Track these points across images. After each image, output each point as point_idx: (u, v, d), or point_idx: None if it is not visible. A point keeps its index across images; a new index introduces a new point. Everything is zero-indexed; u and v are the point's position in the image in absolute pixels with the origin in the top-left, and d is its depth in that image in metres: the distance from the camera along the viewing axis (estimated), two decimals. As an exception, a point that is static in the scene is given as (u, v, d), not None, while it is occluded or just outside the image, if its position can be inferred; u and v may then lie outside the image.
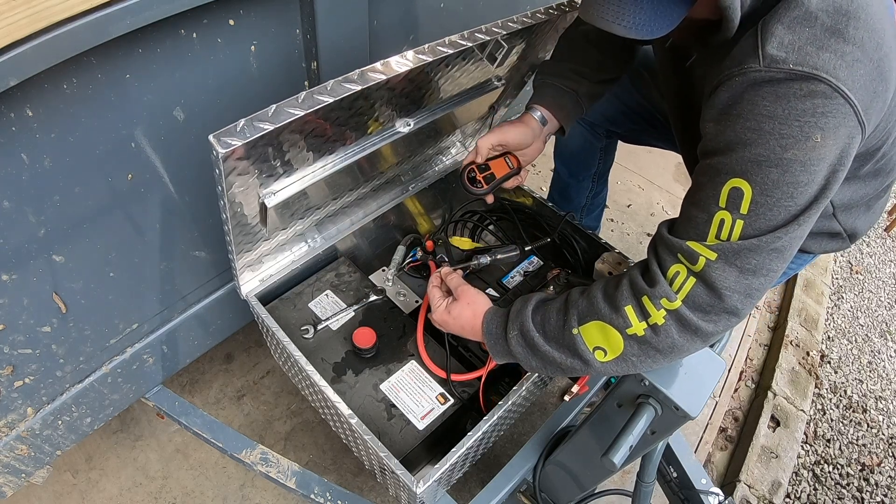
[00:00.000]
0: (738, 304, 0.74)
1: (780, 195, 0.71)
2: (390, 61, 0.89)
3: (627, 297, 0.79)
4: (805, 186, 0.71)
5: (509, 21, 1.03)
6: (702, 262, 0.74)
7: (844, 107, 0.69)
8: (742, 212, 0.72)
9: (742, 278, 0.73)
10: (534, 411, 1.80)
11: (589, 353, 0.82)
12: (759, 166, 0.70)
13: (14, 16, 0.62)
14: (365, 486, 1.59)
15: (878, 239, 2.92)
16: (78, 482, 1.53)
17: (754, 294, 0.75)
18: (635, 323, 0.78)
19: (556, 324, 0.85)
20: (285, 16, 0.97)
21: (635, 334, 0.78)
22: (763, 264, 0.73)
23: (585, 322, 0.82)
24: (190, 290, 1.24)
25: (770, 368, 2.11)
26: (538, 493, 1.21)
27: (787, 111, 0.69)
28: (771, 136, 0.69)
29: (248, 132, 0.76)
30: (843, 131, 0.70)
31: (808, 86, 0.68)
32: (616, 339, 0.80)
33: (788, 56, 0.69)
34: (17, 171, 0.79)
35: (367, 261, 1.49)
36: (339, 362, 1.17)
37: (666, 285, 0.77)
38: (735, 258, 0.73)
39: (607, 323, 0.80)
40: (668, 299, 0.76)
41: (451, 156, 1.56)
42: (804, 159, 0.69)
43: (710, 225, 0.74)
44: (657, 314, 0.76)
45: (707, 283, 0.74)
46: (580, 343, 0.82)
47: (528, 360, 0.89)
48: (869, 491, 1.85)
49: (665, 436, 0.90)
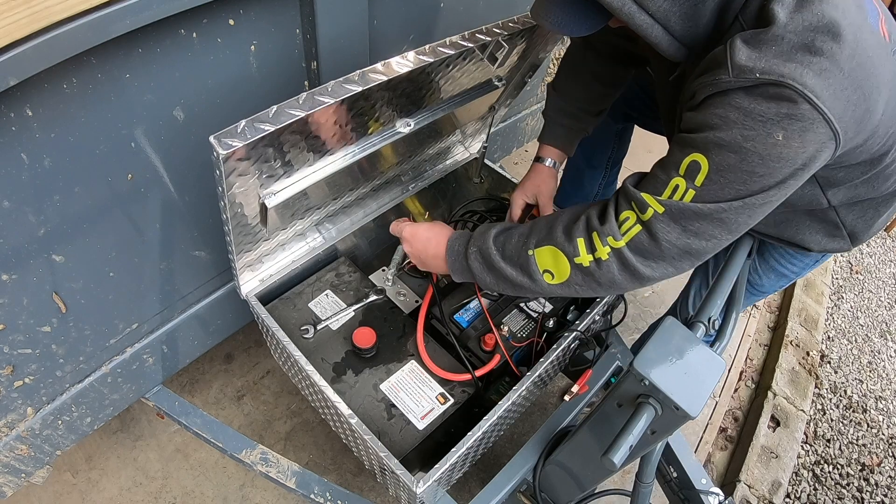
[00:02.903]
0: (675, 256, 0.83)
1: (734, 178, 0.76)
2: (391, 62, 0.89)
3: (581, 231, 0.89)
4: (760, 177, 0.76)
5: (510, 21, 1.03)
6: (650, 212, 0.82)
7: (812, 113, 0.71)
8: (696, 183, 0.78)
9: (683, 236, 0.81)
10: (534, 411, 1.80)
11: (538, 274, 0.92)
12: (720, 149, 0.76)
13: (14, 16, 0.62)
14: (365, 486, 1.59)
15: (878, 239, 2.92)
16: (78, 482, 1.53)
17: (693, 253, 0.83)
18: (583, 254, 0.87)
19: (516, 244, 0.95)
20: (285, 16, 0.97)
21: (581, 264, 0.88)
22: (705, 229, 0.80)
23: (541, 246, 0.92)
24: (190, 290, 1.24)
25: (770, 368, 2.11)
26: (538, 493, 1.21)
27: (753, 107, 0.73)
28: (735, 125, 0.74)
29: (248, 133, 0.76)
30: (811, 136, 0.73)
31: (774, 90, 0.72)
32: (564, 266, 0.90)
33: (756, 66, 0.73)
34: (17, 171, 0.79)
35: (367, 261, 1.49)
36: (339, 362, 1.17)
37: (615, 226, 0.85)
38: (680, 217, 0.80)
39: (559, 249, 0.90)
40: (613, 238, 0.85)
41: (451, 156, 1.56)
42: (763, 153, 0.74)
43: (666, 186, 0.81)
44: (602, 250, 0.86)
45: (650, 232, 0.82)
46: (532, 263, 0.92)
47: (482, 276, 0.99)
48: (869, 491, 1.86)
49: (665, 436, 0.90)
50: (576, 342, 1.20)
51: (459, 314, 1.25)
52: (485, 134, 1.54)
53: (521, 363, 1.27)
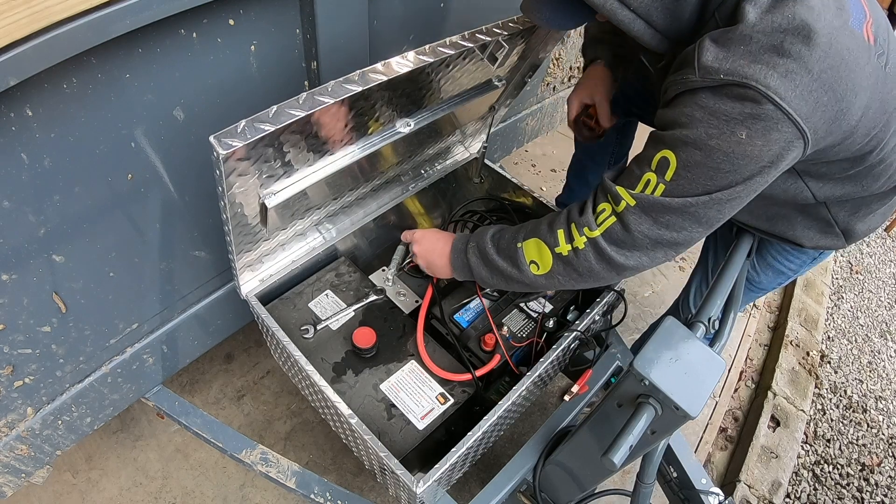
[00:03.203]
0: (647, 247, 0.87)
1: (700, 174, 0.79)
2: (391, 62, 0.89)
3: (562, 223, 0.95)
4: (726, 174, 0.78)
5: (510, 21, 1.03)
6: (623, 204, 0.86)
7: (775, 113, 0.73)
8: (666, 178, 0.82)
9: (655, 228, 0.85)
10: (534, 411, 1.80)
11: (525, 265, 0.98)
12: (686, 146, 0.79)
13: (14, 16, 0.62)
14: (365, 486, 1.59)
15: (878, 239, 2.92)
16: (78, 482, 1.53)
17: (665, 244, 0.87)
18: (562, 244, 0.94)
19: (509, 240, 1.02)
20: (285, 16, 0.97)
21: (561, 254, 0.94)
22: (675, 222, 0.84)
23: (528, 238, 0.99)
24: (190, 290, 1.24)
25: (770, 368, 2.11)
26: (538, 493, 1.21)
27: (717, 107, 0.76)
28: (700, 124, 0.77)
29: (248, 133, 0.76)
30: (776, 136, 0.75)
31: (738, 90, 0.74)
32: (547, 256, 0.96)
33: (721, 66, 0.75)
34: (17, 171, 0.79)
35: (367, 261, 1.49)
36: (339, 362, 1.17)
37: (591, 217, 0.91)
38: (650, 210, 0.84)
39: (542, 241, 0.96)
40: (589, 228, 0.90)
41: (451, 156, 1.56)
42: (728, 150, 0.76)
43: (639, 180, 0.85)
44: (579, 239, 0.92)
45: (623, 223, 0.87)
46: (520, 255, 0.99)
47: (478, 270, 1.06)
48: (869, 491, 1.86)
49: (665, 436, 0.90)
50: (576, 342, 1.20)
51: (459, 314, 1.25)
52: (485, 134, 1.54)
53: (521, 363, 1.27)
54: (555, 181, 2.68)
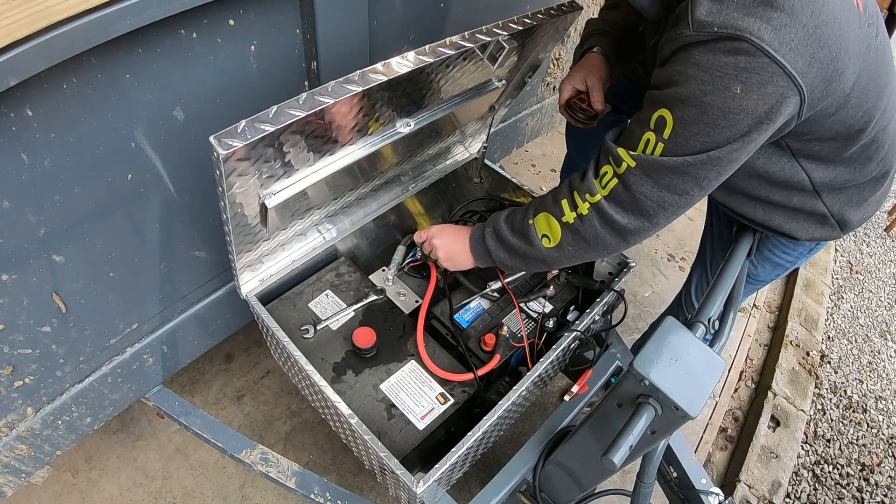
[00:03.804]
0: (649, 210, 0.88)
1: (697, 131, 0.79)
2: (391, 62, 0.89)
3: (565, 192, 0.96)
4: (723, 129, 0.78)
5: (510, 22, 1.03)
6: (624, 166, 0.87)
7: (771, 66, 0.73)
8: (664, 136, 0.82)
9: (656, 189, 0.86)
10: (534, 411, 1.80)
11: (538, 240, 1.00)
12: (682, 103, 0.79)
13: (14, 16, 0.62)
14: (365, 486, 1.59)
15: (878, 239, 2.92)
16: (78, 482, 1.53)
17: (667, 207, 0.87)
18: (567, 212, 0.95)
19: (521, 218, 1.04)
20: (285, 16, 0.97)
21: (567, 223, 0.95)
22: (675, 183, 0.84)
23: (537, 214, 1.00)
24: (190, 290, 1.24)
25: (770, 368, 2.11)
26: (538, 493, 1.21)
27: (711, 62, 0.76)
28: (693, 81, 0.77)
29: (248, 133, 0.76)
30: (771, 89, 0.75)
31: (731, 44, 0.74)
32: (556, 228, 0.97)
33: (714, 20, 0.75)
34: (17, 171, 0.79)
35: (367, 261, 1.49)
36: (339, 362, 1.17)
37: (593, 182, 0.92)
38: (650, 170, 0.84)
39: (549, 213, 0.98)
40: (590, 193, 0.92)
41: (451, 156, 1.56)
42: (723, 106, 0.76)
43: (639, 140, 0.86)
44: (583, 205, 0.93)
45: (626, 185, 0.87)
46: (532, 231, 1.00)
47: (497, 253, 1.07)
48: (869, 491, 1.86)
49: (665, 436, 0.90)
50: (576, 342, 1.20)
51: (459, 314, 1.25)
52: (485, 134, 1.54)
53: (521, 363, 1.27)
54: (554, 181, 2.68)
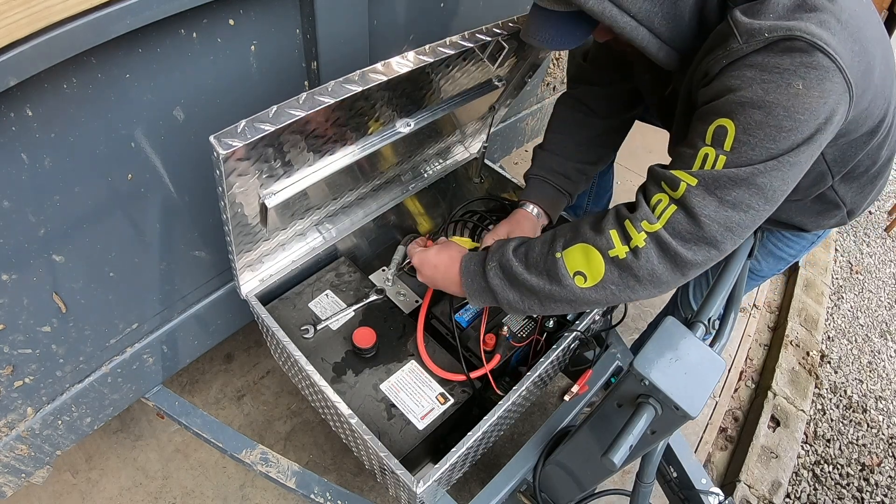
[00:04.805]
0: (717, 235, 0.77)
1: (763, 136, 0.73)
2: (391, 62, 0.89)
3: (612, 223, 0.83)
4: (788, 132, 0.73)
5: (510, 21, 1.03)
6: (682, 187, 0.77)
7: (825, 60, 0.72)
8: (725, 148, 0.75)
9: (721, 209, 0.76)
10: (534, 411, 1.80)
11: (568, 278, 0.84)
12: (743, 107, 0.74)
13: (14, 16, 0.62)
14: (365, 486, 1.59)
15: (878, 239, 2.92)
16: (78, 482, 1.53)
17: (734, 229, 0.77)
18: (618, 245, 0.81)
19: (540, 251, 0.88)
20: (285, 16, 0.97)
21: (617, 256, 0.81)
22: (742, 199, 0.76)
23: (570, 245, 0.85)
24: (190, 290, 1.24)
25: (770, 368, 2.11)
26: (538, 493, 1.21)
27: (768, 62, 0.74)
28: (754, 81, 0.74)
29: (248, 133, 0.76)
30: (829, 86, 0.73)
31: (786, 44, 0.72)
32: (597, 263, 0.82)
33: (762, 26, 0.74)
34: (17, 171, 0.79)
35: (367, 261, 1.49)
36: (339, 362, 1.17)
37: (647, 209, 0.80)
38: (715, 187, 0.76)
39: (590, 244, 0.83)
40: (648, 222, 0.79)
41: (451, 156, 1.56)
42: (787, 105, 0.72)
43: (695, 158, 0.78)
44: (638, 237, 0.79)
45: (687, 209, 0.77)
46: (561, 267, 0.85)
47: (504, 293, 0.91)
48: (869, 491, 1.86)
49: (665, 436, 0.90)
50: (576, 342, 1.20)
51: (459, 314, 1.25)
52: (485, 134, 1.54)
53: (521, 363, 1.27)
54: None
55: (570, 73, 1.32)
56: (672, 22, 0.83)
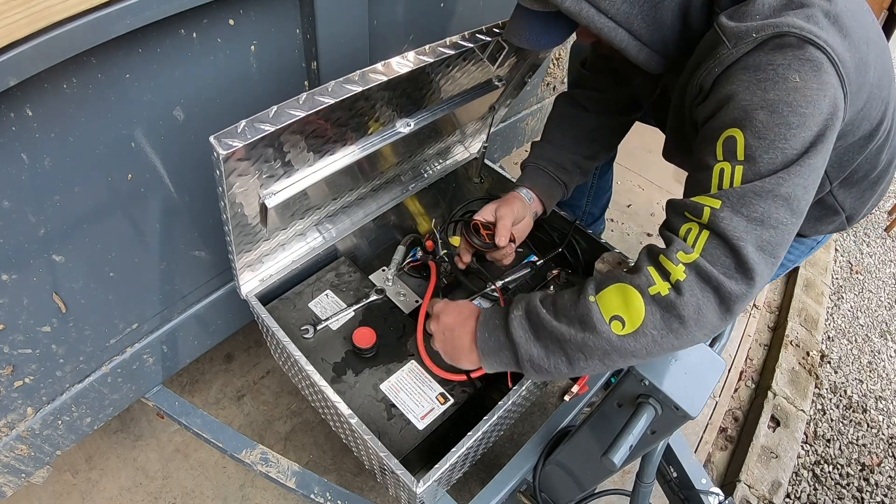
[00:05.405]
0: (754, 258, 0.70)
1: (773, 136, 0.71)
2: (391, 62, 0.89)
3: (646, 260, 0.78)
4: (797, 129, 0.71)
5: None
6: (707, 212, 0.73)
7: (817, 53, 0.71)
8: (739, 158, 0.72)
9: (751, 228, 0.71)
10: (534, 411, 1.80)
11: (604, 324, 0.75)
12: (746, 112, 0.72)
13: (13, 16, 0.62)
14: (365, 486, 1.59)
15: (878, 239, 2.92)
16: (78, 482, 1.53)
17: (767, 248, 0.72)
18: (658, 281, 0.74)
19: (570, 298, 0.81)
20: (285, 16, 0.97)
21: (658, 293, 0.73)
22: (769, 213, 0.71)
23: (604, 287, 0.77)
24: (190, 290, 1.24)
25: (770, 368, 2.11)
26: (538, 493, 1.21)
27: (761, 62, 0.73)
28: (750, 83, 0.73)
29: (248, 133, 0.76)
30: (826, 78, 0.72)
31: (776, 41, 0.72)
32: (637, 304, 0.74)
33: (749, 27, 0.74)
34: (17, 171, 0.79)
35: (367, 261, 1.49)
36: (339, 362, 1.17)
37: (680, 240, 0.75)
38: (740, 205, 0.71)
39: (628, 283, 0.75)
40: (684, 252, 0.73)
41: (451, 156, 1.56)
42: (789, 100, 0.71)
43: (711, 178, 0.75)
44: (677, 269, 0.72)
45: (718, 233, 0.72)
46: (595, 312, 0.76)
47: (528, 348, 0.81)
48: (869, 491, 1.85)
49: (665, 436, 0.90)
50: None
51: (459, 314, 1.25)
52: (485, 134, 1.54)
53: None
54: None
55: (570, 80, 1.33)
56: (653, 24, 0.82)
